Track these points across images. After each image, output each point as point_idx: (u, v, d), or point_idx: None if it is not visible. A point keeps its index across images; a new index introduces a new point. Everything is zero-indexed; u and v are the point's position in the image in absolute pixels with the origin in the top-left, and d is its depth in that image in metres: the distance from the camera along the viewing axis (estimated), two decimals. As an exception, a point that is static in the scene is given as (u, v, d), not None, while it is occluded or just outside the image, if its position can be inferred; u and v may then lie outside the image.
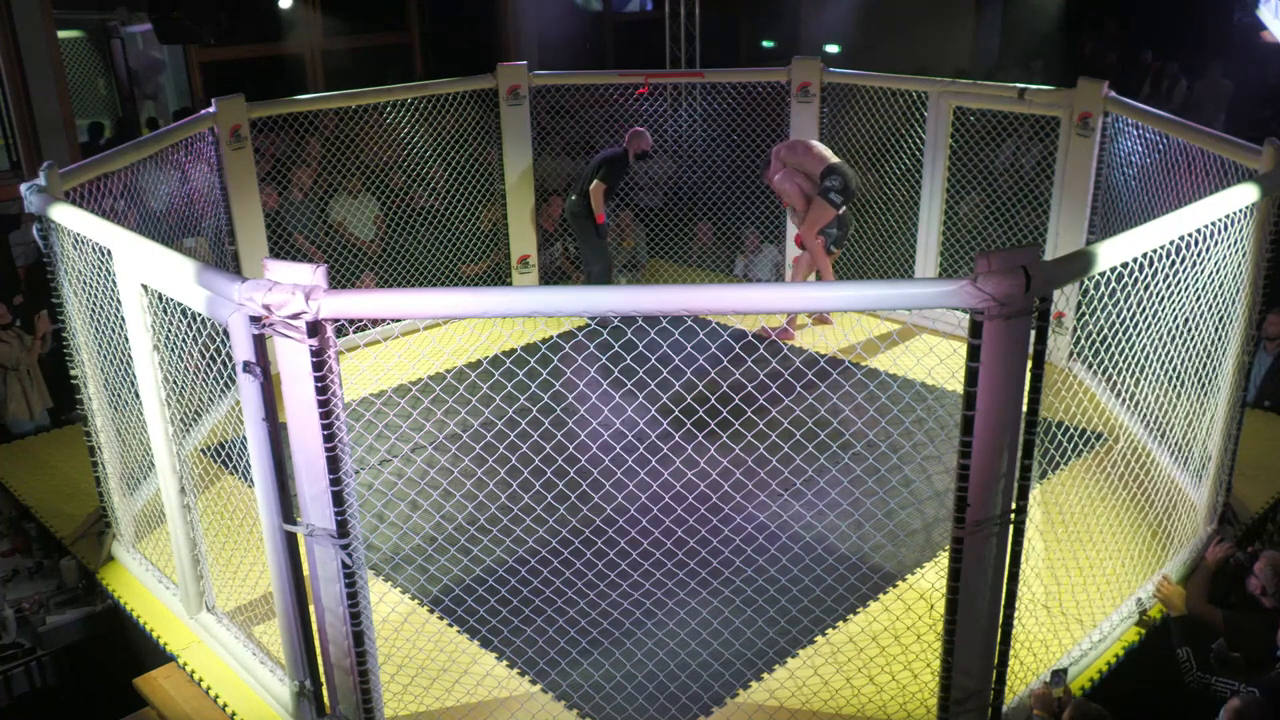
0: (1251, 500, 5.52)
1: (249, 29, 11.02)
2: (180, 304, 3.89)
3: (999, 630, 3.60)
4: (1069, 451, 5.41)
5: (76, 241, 4.59)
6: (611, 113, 8.46)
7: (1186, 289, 4.33)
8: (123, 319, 4.30)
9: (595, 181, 7.80)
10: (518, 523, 5.03)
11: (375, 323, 7.62)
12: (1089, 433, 5.64)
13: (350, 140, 7.79)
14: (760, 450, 4.65)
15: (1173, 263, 4.12)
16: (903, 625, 4.42)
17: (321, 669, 3.82)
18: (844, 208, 7.50)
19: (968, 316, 3.15)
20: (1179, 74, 12.49)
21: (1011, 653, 3.72)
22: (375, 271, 7.93)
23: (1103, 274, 3.75)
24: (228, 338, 3.49)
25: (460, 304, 3.36)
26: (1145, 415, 5.25)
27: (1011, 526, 3.42)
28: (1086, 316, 6.35)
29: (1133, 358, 4.60)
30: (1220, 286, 4.49)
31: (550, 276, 8.67)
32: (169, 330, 4.19)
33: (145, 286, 4.09)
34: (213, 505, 5.01)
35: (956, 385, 3.31)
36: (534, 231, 8.40)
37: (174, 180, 6.32)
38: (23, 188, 4.71)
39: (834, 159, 7.43)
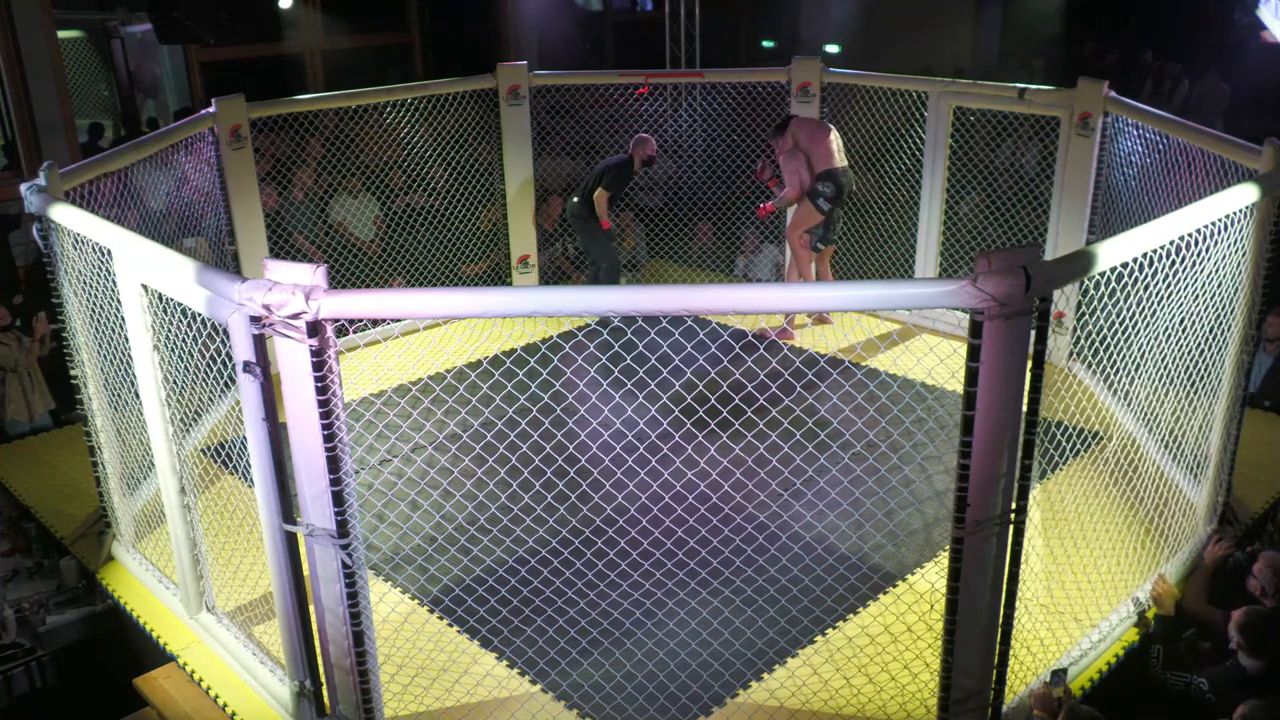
0: (1251, 500, 5.52)
1: (249, 29, 11.03)
2: (180, 304, 3.89)
3: (999, 630, 3.60)
4: (1069, 451, 5.41)
5: (76, 241, 4.59)
6: (611, 113, 8.46)
7: (1186, 289, 4.33)
8: (123, 319, 4.30)
9: (599, 189, 7.77)
10: (518, 523, 5.03)
11: (375, 323, 7.62)
12: (1089, 433, 5.64)
13: (350, 140, 7.80)
14: (760, 450, 4.65)
15: (1173, 263, 4.12)
16: (902, 625, 4.43)
17: (321, 669, 3.82)
18: (834, 209, 7.52)
19: (968, 316, 3.16)
20: (1180, 74, 12.49)
21: (1011, 653, 3.72)
22: (375, 271, 7.93)
23: (1103, 274, 3.75)
24: (228, 338, 3.49)
25: (460, 304, 3.36)
26: (1144, 415, 5.25)
27: (1011, 526, 3.42)
28: (1086, 316, 6.35)
29: (1132, 358, 4.60)
30: (1220, 287, 4.49)
31: (550, 276, 8.67)
32: (169, 330, 4.19)
33: (145, 286, 4.09)
34: (213, 505, 5.01)
35: (956, 385, 3.31)
36: (534, 231, 8.40)
37: (174, 180, 6.32)
38: (23, 188, 4.70)
39: (839, 162, 7.40)
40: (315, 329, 3.21)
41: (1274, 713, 3.66)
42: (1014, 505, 3.40)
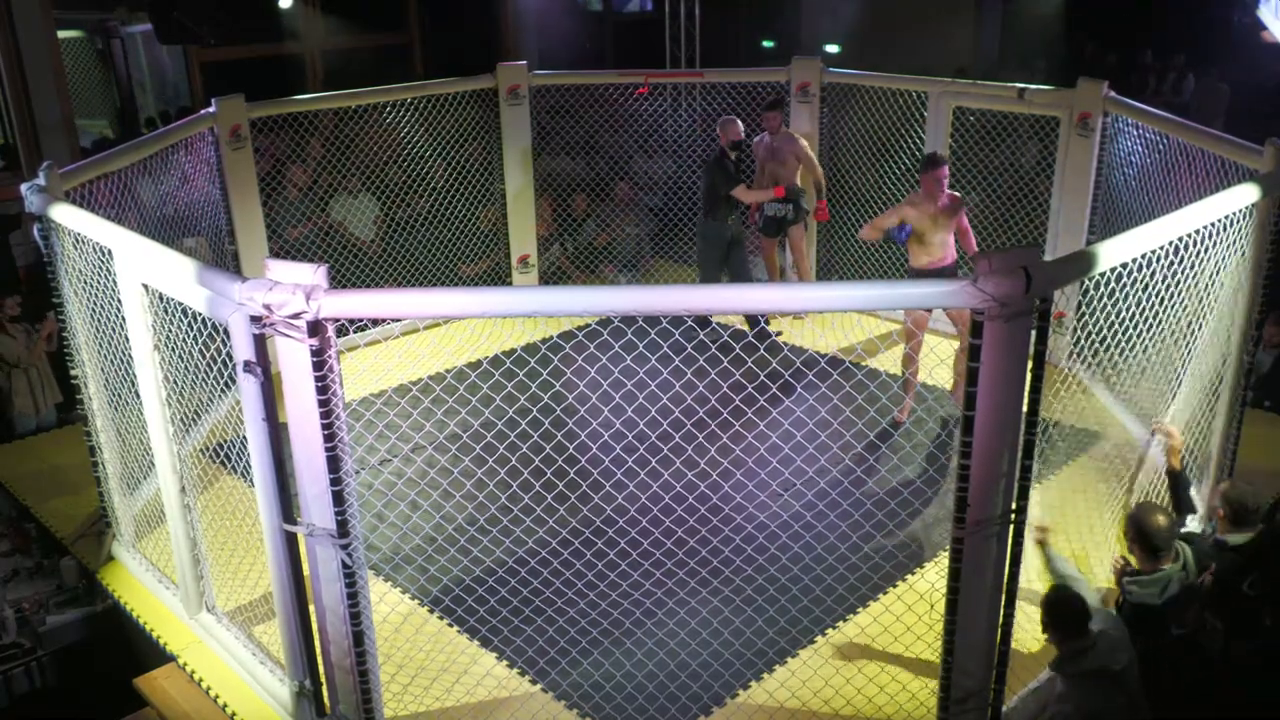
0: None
1: (249, 29, 11.02)
2: (181, 304, 3.89)
3: (999, 630, 3.60)
4: (1069, 451, 5.41)
5: (77, 241, 4.59)
6: (611, 113, 8.45)
7: (1186, 289, 4.32)
8: (123, 319, 4.30)
9: (731, 192, 7.48)
10: (518, 523, 5.03)
11: (375, 323, 7.61)
12: (1088, 433, 5.64)
13: (350, 140, 7.79)
14: (760, 450, 4.65)
15: (1171, 263, 4.13)
16: (903, 625, 4.42)
17: (321, 669, 3.82)
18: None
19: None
20: (1184, 66, 12.49)
21: (1011, 653, 3.72)
22: (375, 271, 7.92)
23: (1103, 274, 3.75)
24: (228, 337, 3.49)
25: (460, 304, 3.36)
26: (1144, 415, 5.25)
27: (1011, 526, 3.42)
28: (1086, 317, 6.36)
29: (1131, 358, 4.60)
30: (1220, 287, 4.49)
31: (550, 276, 8.67)
32: (169, 330, 4.19)
33: (146, 286, 4.09)
34: (213, 505, 5.01)
35: (957, 385, 3.31)
36: (534, 231, 8.40)
37: (175, 179, 6.32)
38: (23, 188, 4.70)
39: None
40: (316, 329, 3.21)
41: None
42: (1014, 505, 3.40)
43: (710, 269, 7.78)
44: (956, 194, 6.11)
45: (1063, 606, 3.71)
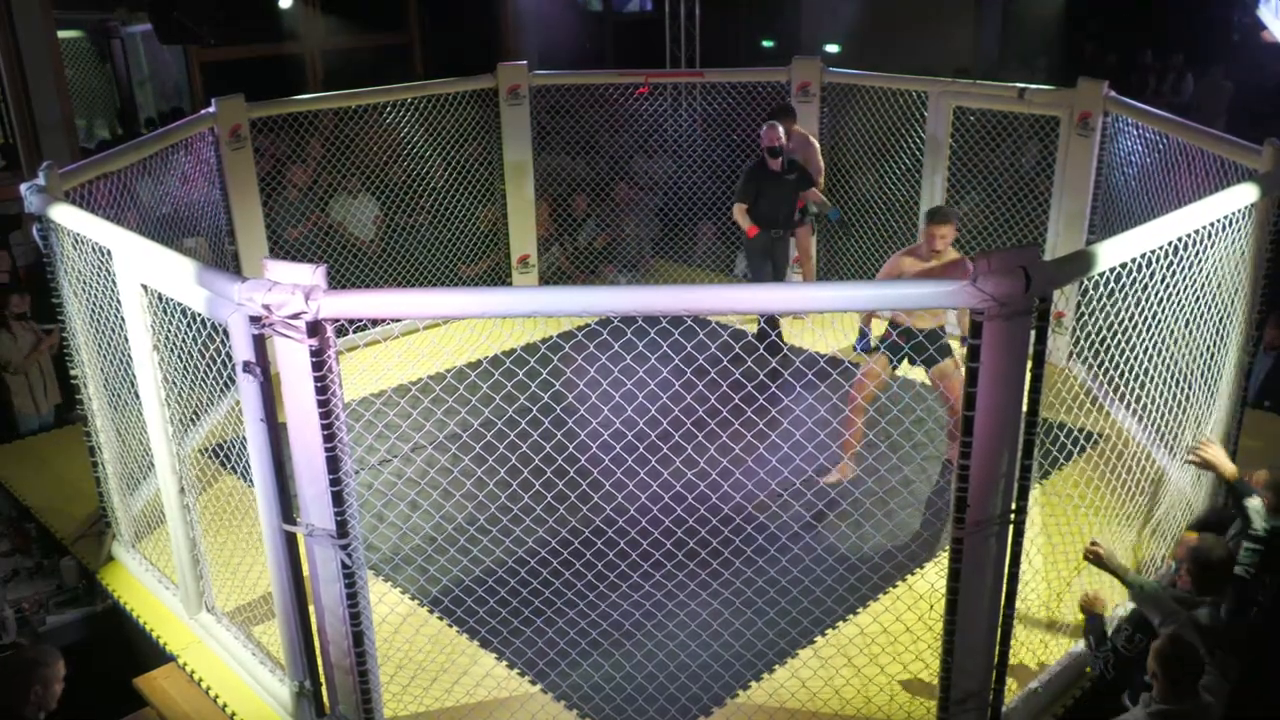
0: (1251, 500, 5.49)
1: (249, 29, 11.02)
2: (180, 304, 3.90)
3: (999, 630, 3.60)
4: (1068, 451, 5.40)
5: (76, 241, 4.59)
6: (611, 112, 8.46)
7: (1185, 289, 4.32)
8: (122, 319, 4.30)
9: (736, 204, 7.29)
10: (518, 523, 5.03)
11: (375, 323, 7.62)
12: (1088, 433, 5.63)
13: (350, 141, 7.79)
14: (760, 450, 4.64)
15: (1170, 263, 4.12)
16: (903, 625, 4.42)
17: (321, 669, 3.82)
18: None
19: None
20: (1184, 66, 12.50)
21: (1011, 653, 3.72)
22: (374, 271, 7.92)
23: (1102, 274, 3.75)
24: (228, 338, 3.49)
25: (460, 304, 3.36)
26: (1143, 415, 5.24)
27: (1011, 526, 3.42)
28: (1085, 316, 6.36)
29: (1131, 357, 4.59)
30: (1219, 286, 4.49)
31: (550, 277, 8.67)
32: (169, 330, 4.19)
33: (145, 286, 4.09)
34: (213, 505, 5.01)
35: (956, 385, 3.31)
36: (534, 231, 8.40)
37: (175, 179, 6.32)
38: (23, 188, 4.70)
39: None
40: (315, 329, 3.21)
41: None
42: (1014, 505, 3.40)
43: (762, 279, 7.54)
44: (967, 261, 5.72)
45: (1179, 663, 3.51)
